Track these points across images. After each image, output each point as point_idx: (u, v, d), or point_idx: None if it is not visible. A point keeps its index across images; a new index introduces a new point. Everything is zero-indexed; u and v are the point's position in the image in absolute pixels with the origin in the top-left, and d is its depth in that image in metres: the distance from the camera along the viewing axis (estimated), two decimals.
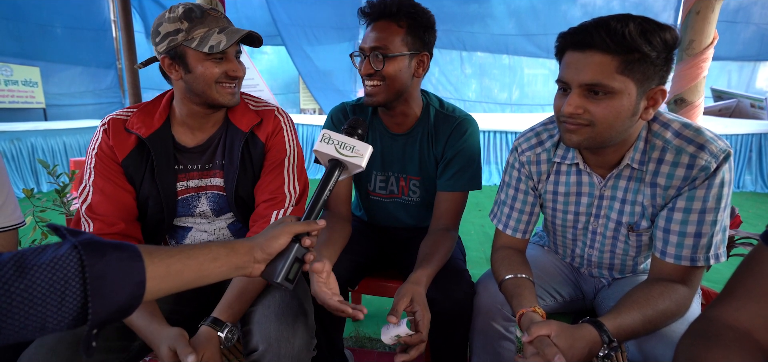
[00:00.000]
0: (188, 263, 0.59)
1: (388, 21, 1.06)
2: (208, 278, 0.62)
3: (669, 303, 0.80)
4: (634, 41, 0.73)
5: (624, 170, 0.90)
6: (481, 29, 6.39)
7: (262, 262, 0.69)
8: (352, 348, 1.64)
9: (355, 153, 0.77)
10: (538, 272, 1.10)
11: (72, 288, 0.46)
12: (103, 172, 0.98)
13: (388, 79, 1.07)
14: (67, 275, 0.46)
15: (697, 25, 1.35)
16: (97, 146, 0.99)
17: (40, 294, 0.45)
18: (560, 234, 1.08)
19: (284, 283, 0.70)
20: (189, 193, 1.06)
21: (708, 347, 0.59)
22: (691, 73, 1.38)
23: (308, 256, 0.73)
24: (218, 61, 0.96)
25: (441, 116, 1.19)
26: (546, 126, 1.02)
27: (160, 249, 0.57)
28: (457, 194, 1.16)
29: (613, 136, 0.82)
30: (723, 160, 0.79)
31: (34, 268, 0.45)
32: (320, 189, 0.77)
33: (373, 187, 1.29)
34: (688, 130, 0.84)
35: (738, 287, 0.63)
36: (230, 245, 0.66)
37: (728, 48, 6.15)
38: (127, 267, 0.51)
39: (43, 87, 6.60)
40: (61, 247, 0.48)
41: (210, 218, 1.09)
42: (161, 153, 1.01)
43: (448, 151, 1.16)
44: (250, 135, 1.06)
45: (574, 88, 0.79)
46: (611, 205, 0.95)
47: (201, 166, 1.06)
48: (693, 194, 0.82)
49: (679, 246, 0.84)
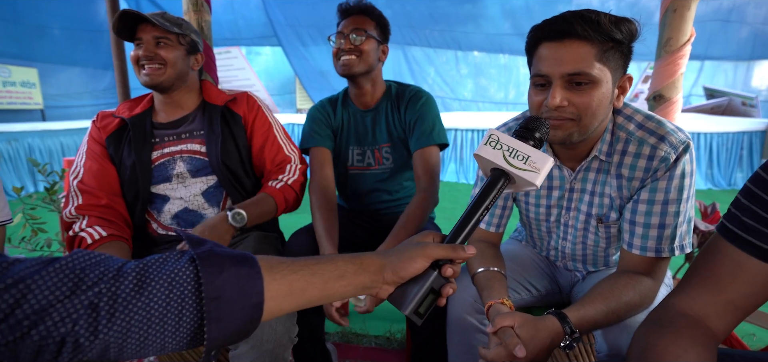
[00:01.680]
0: (312, 281, 0.53)
1: (363, 15, 1.30)
2: (332, 297, 0.55)
3: (633, 294, 0.82)
4: (609, 29, 0.75)
5: (592, 162, 0.92)
6: (476, 29, 6.41)
7: (392, 284, 0.60)
8: (337, 342, 1.66)
9: (529, 166, 0.60)
10: (514, 266, 1.12)
11: (188, 307, 0.44)
12: (90, 153, 1.17)
13: (364, 54, 1.28)
14: (184, 293, 0.44)
15: (674, 23, 1.37)
16: (88, 133, 1.21)
17: (158, 312, 0.42)
18: (535, 227, 1.10)
19: (412, 317, 0.59)
20: (165, 158, 1.20)
21: (661, 334, 0.61)
22: (669, 69, 1.40)
23: (446, 289, 0.60)
24: (136, 45, 1.15)
25: (400, 90, 1.39)
26: (518, 121, 1.04)
27: (283, 263, 0.52)
28: (425, 150, 1.28)
29: (595, 126, 0.83)
30: (682, 151, 0.81)
31: (154, 282, 0.43)
32: (474, 206, 0.61)
33: (351, 162, 1.41)
34: (650, 122, 0.86)
35: (694, 276, 0.65)
36: (359, 261, 0.58)
37: (723, 47, 6.17)
38: (245, 285, 0.47)
39: (41, 88, 6.62)
40: (181, 260, 0.46)
41: (186, 180, 1.20)
42: (139, 130, 1.19)
43: (410, 115, 1.33)
44: (226, 108, 1.24)
45: (556, 80, 0.79)
46: (581, 198, 0.97)
47: (176, 136, 1.22)
48: (655, 186, 0.83)
49: (644, 237, 0.86)
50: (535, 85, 0.85)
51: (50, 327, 0.37)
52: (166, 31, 1.15)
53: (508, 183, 0.63)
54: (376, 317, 1.82)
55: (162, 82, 1.15)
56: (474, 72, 7.05)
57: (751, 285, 0.59)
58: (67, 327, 0.38)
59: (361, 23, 1.28)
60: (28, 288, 0.37)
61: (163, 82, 1.15)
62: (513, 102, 7.06)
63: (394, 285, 0.60)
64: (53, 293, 0.38)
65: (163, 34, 1.15)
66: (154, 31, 1.14)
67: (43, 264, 0.39)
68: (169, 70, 1.16)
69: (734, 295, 0.60)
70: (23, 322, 0.36)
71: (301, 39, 6.72)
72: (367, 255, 0.59)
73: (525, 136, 0.64)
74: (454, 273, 0.60)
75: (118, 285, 0.41)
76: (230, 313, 0.45)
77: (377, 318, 1.82)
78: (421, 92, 1.36)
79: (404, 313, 0.58)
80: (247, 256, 0.49)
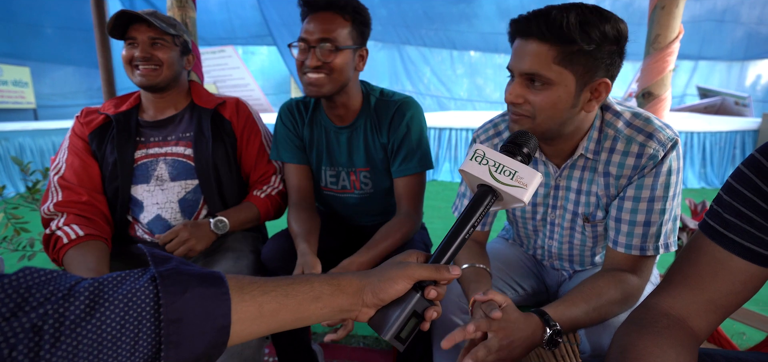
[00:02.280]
0: (285, 302, 0.50)
1: (334, 13, 1.04)
2: (307, 320, 0.52)
3: (615, 292, 0.80)
4: (570, 33, 0.72)
5: (578, 160, 0.91)
6: (471, 28, 6.41)
7: (372, 307, 0.56)
8: (323, 343, 1.64)
9: (516, 181, 0.58)
10: (501, 265, 1.10)
11: (145, 331, 0.40)
12: (73, 148, 1.16)
13: (335, 72, 1.06)
14: (141, 315, 0.40)
15: (662, 20, 1.36)
16: (71, 129, 1.18)
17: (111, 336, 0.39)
18: (521, 226, 1.09)
19: (394, 342, 0.55)
20: (148, 159, 1.18)
21: (641, 334, 0.60)
22: (658, 66, 1.39)
23: (429, 312, 0.57)
24: (130, 45, 1.12)
25: (381, 104, 1.18)
26: (504, 117, 1.02)
27: (254, 283, 0.49)
28: (409, 178, 1.16)
29: (554, 127, 0.82)
30: (670, 148, 0.80)
31: (108, 303, 0.39)
32: (460, 224, 0.59)
33: (324, 183, 1.28)
34: (638, 120, 0.84)
35: (676, 274, 0.64)
36: (336, 282, 0.54)
37: (718, 47, 6.20)
38: (210, 307, 0.44)
39: (34, 87, 6.57)
40: (141, 279, 0.43)
41: (164, 183, 1.18)
42: (123, 127, 1.17)
43: (393, 137, 1.16)
44: (215, 112, 1.23)
45: (516, 76, 0.80)
46: (567, 196, 0.95)
47: (162, 137, 1.20)
48: (642, 183, 0.82)
49: (629, 235, 0.84)
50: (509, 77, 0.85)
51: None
52: (161, 32, 1.13)
53: (496, 199, 0.61)
54: None
55: (158, 83, 1.14)
56: (470, 71, 7.06)
57: (732, 284, 0.58)
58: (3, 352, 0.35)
59: (331, 26, 1.03)
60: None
61: (159, 83, 1.14)
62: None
63: (375, 308, 0.57)
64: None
65: (159, 34, 1.13)
66: (149, 31, 1.11)
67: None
68: (165, 71, 1.14)
69: (715, 294, 0.59)
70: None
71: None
72: (345, 275, 0.56)
73: (513, 150, 0.62)
74: (438, 295, 0.57)
75: (66, 306, 0.38)
76: (191, 337, 0.42)
77: None
78: (405, 105, 1.16)
79: (385, 339, 0.55)
80: (215, 275, 0.46)
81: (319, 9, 1.04)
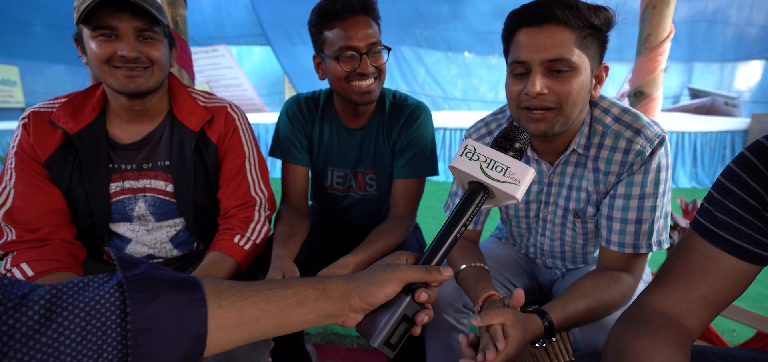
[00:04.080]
0: (267, 308, 0.47)
1: (366, 16, 1.03)
2: (291, 327, 0.49)
3: (615, 294, 0.81)
4: (588, 15, 0.74)
5: (571, 156, 0.91)
6: (466, 27, 6.43)
7: (360, 312, 0.53)
8: (318, 343, 1.63)
9: (508, 177, 0.56)
10: (494, 264, 1.10)
11: (110, 342, 0.37)
12: (23, 174, 0.88)
13: (383, 74, 1.07)
14: (105, 324, 0.37)
15: (653, 20, 1.37)
16: (17, 144, 0.89)
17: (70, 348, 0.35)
18: (514, 224, 1.09)
19: (383, 349, 0.53)
20: (125, 195, 0.97)
21: (637, 334, 0.60)
22: (649, 65, 1.40)
23: (421, 316, 0.55)
24: (107, 38, 0.84)
25: (395, 107, 1.19)
26: (495, 116, 1.02)
27: (232, 288, 0.46)
28: (411, 181, 1.15)
29: (576, 115, 0.81)
30: (658, 145, 0.81)
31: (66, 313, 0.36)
32: (451, 223, 0.57)
33: (330, 183, 1.27)
34: (626, 116, 0.85)
35: (668, 273, 0.64)
36: (321, 286, 0.52)
37: (710, 49, 6.30)
38: (183, 315, 0.41)
39: (24, 86, 6.47)
40: (105, 285, 0.39)
41: (149, 223, 1.00)
42: (91, 151, 0.91)
43: (402, 138, 1.15)
44: (201, 135, 0.97)
45: (536, 66, 0.77)
46: (559, 192, 0.96)
47: (137, 165, 0.97)
48: (631, 180, 0.83)
49: (621, 233, 0.85)
50: (513, 73, 0.82)
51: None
52: (151, 21, 0.87)
53: (488, 197, 0.59)
54: None
55: (147, 89, 0.90)
56: (464, 72, 7.08)
57: (722, 281, 0.58)
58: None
59: (372, 30, 1.02)
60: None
61: (149, 88, 0.90)
62: (503, 100, 7.11)
63: (363, 313, 0.53)
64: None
65: (148, 25, 0.86)
66: (133, 20, 0.84)
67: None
68: (156, 73, 0.90)
69: (707, 291, 0.59)
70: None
71: (290, 37, 6.68)
72: (331, 279, 0.53)
73: (504, 146, 0.60)
74: (430, 298, 0.55)
75: (18, 316, 0.34)
76: (163, 348, 0.39)
77: None
78: (418, 109, 1.16)
79: (373, 345, 0.52)
80: (190, 281, 0.43)
81: (354, 14, 1.01)
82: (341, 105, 1.17)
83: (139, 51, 0.86)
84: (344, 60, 1.02)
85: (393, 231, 1.09)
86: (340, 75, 1.04)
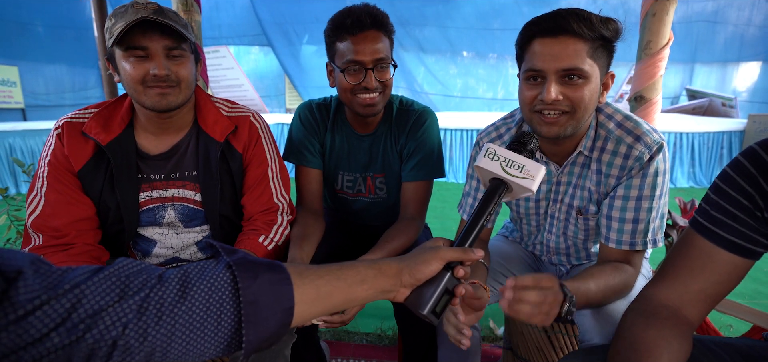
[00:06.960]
0: (337, 285, 0.55)
1: (378, 31, 1.05)
2: (354, 301, 0.57)
3: (618, 280, 0.86)
4: (600, 27, 0.79)
5: (578, 157, 0.96)
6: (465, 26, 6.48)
7: (409, 287, 0.62)
8: (329, 340, 1.68)
9: (524, 174, 0.68)
10: (501, 260, 1.15)
11: (227, 312, 0.45)
12: (56, 183, 0.91)
13: (387, 89, 1.10)
14: (223, 298, 0.45)
15: (653, 27, 1.42)
16: (50, 153, 0.92)
17: (199, 317, 0.44)
18: (525, 222, 1.13)
19: (430, 317, 0.61)
20: (154, 204, 1.01)
21: (647, 325, 0.65)
22: (649, 71, 1.45)
23: (459, 289, 0.63)
24: (140, 59, 0.87)
25: (402, 112, 1.23)
26: (505, 120, 1.07)
27: (309, 269, 0.54)
28: (419, 183, 1.20)
29: (586, 118, 0.86)
30: (656, 152, 0.86)
31: (195, 289, 0.44)
32: (478, 212, 0.67)
33: (340, 186, 1.31)
34: (628, 122, 0.90)
35: (669, 267, 0.70)
36: (377, 266, 0.60)
37: (710, 49, 6.36)
38: (277, 291, 0.49)
39: (24, 86, 6.48)
40: (218, 266, 0.47)
41: (178, 228, 1.04)
42: (122, 162, 0.95)
43: (409, 142, 1.19)
44: (226, 145, 1.01)
45: (551, 74, 0.82)
46: (566, 191, 1.01)
47: (165, 175, 1.00)
48: (630, 183, 0.88)
49: (619, 231, 0.90)
50: (527, 79, 0.87)
51: (103, 331, 0.39)
52: (179, 39, 0.90)
53: (507, 190, 0.70)
54: (368, 315, 1.84)
55: (178, 105, 0.94)
56: (463, 72, 7.12)
57: (719, 274, 0.63)
58: (118, 330, 0.40)
59: (381, 45, 1.04)
60: (82, 294, 0.39)
61: (179, 103, 0.94)
62: (502, 99, 7.16)
63: (411, 288, 0.62)
64: (104, 298, 0.40)
65: (176, 42, 0.89)
66: (163, 39, 0.88)
67: (92, 272, 0.42)
68: (184, 90, 0.93)
69: (705, 284, 0.64)
70: (79, 326, 0.38)
71: (289, 38, 6.71)
72: (384, 261, 0.62)
73: (519, 148, 0.71)
74: (466, 274, 0.64)
75: (162, 290, 0.43)
76: (265, 318, 0.47)
77: (368, 316, 1.84)
78: (425, 114, 1.20)
79: (422, 313, 0.61)
80: (275, 264, 0.51)
81: (364, 29, 1.03)
82: (350, 113, 1.22)
83: (169, 69, 0.90)
84: (350, 73, 1.07)
85: (405, 231, 1.13)
86: (347, 87, 1.09)
